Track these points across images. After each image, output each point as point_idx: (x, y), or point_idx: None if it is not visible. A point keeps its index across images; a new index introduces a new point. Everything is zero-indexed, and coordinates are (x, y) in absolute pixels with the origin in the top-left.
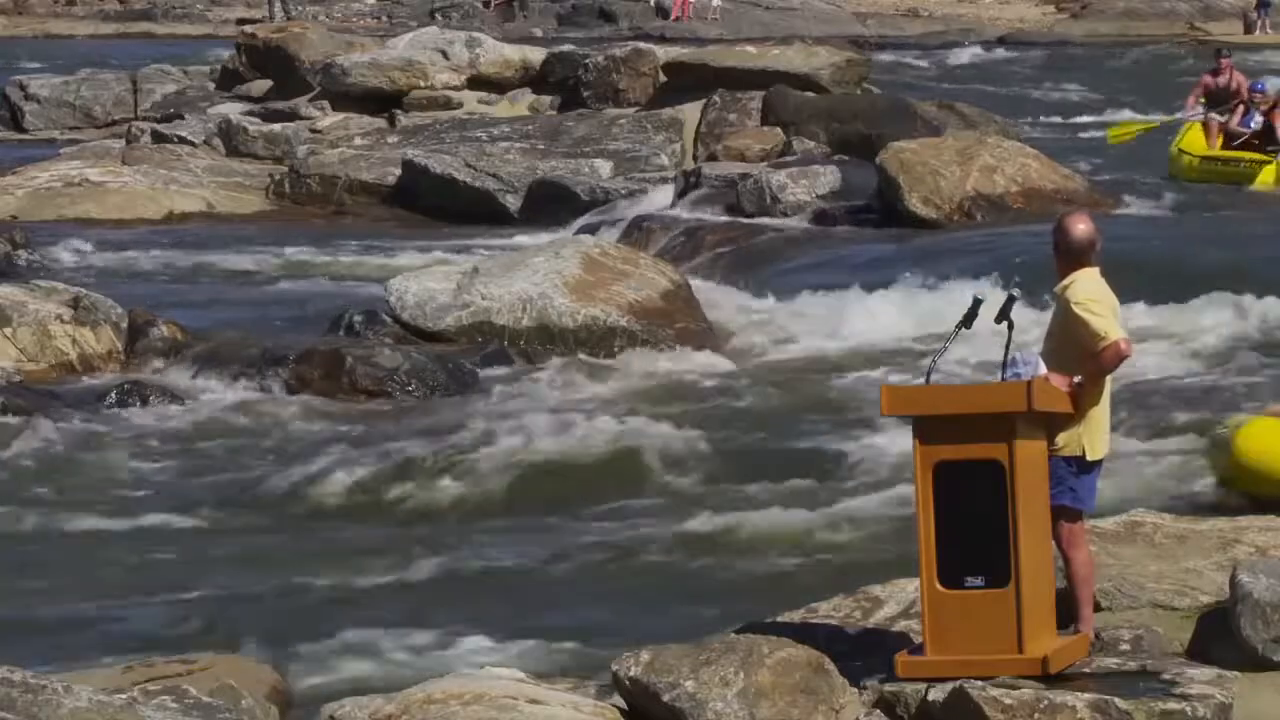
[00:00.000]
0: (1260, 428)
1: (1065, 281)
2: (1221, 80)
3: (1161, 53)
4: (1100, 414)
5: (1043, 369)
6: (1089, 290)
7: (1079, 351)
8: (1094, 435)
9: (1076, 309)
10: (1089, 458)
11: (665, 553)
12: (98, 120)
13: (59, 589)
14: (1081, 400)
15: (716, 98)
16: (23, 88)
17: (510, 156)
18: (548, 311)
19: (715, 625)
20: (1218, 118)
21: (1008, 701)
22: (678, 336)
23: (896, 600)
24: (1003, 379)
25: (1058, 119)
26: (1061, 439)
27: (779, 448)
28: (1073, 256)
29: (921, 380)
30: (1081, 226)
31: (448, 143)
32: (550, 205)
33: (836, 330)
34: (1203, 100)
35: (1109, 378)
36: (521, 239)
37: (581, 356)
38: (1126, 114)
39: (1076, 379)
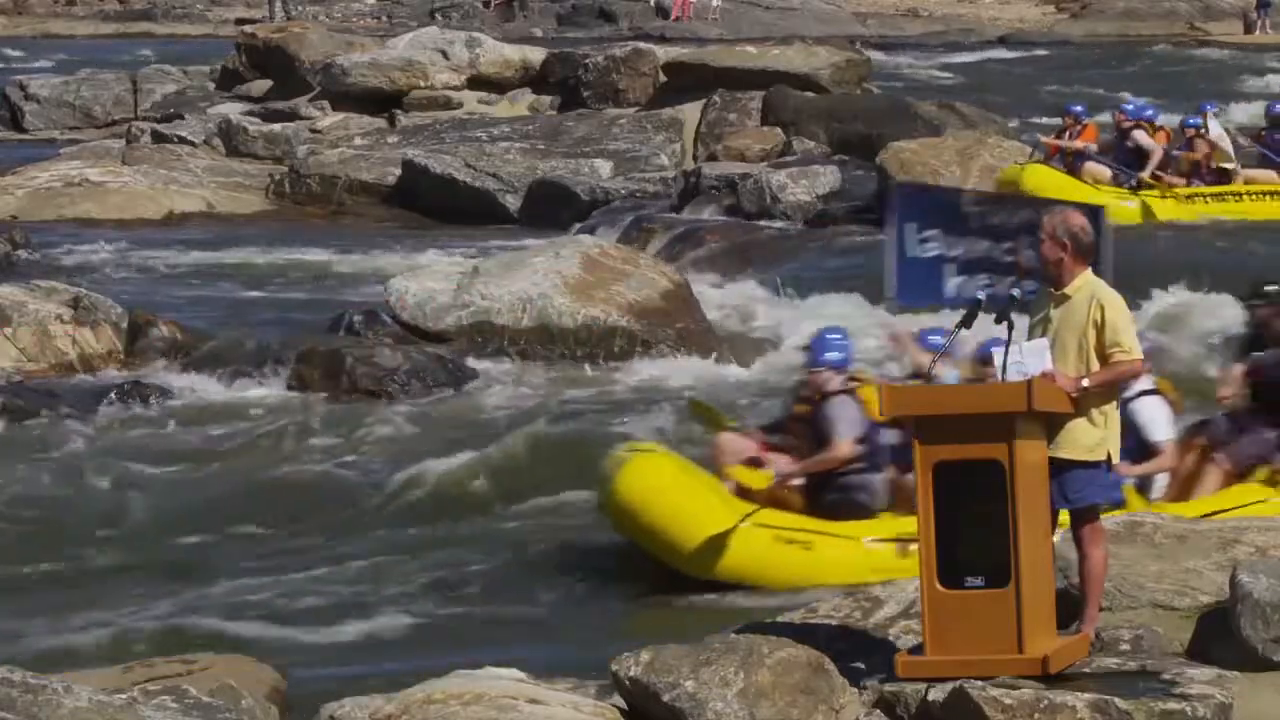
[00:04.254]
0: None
1: (1079, 282)
2: None
3: (1162, 53)
4: (1117, 415)
5: (1048, 361)
6: (1118, 299)
7: (1091, 354)
8: (1116, 437)
9: (1113, 315)
10: (1114, 459)
11: None
12: (98, 120)
13: (59, 589)
14: (1099, 403)
15: (716, 98)
16: (23, 88)
17: (510, 156)
18: (548, 311)
19: (715, 625)
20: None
21: (1008, 701)
22: (677, 337)
23: (896, 600)
24: (1002, 379)
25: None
26: (1092, 442)
27: None
28: (1083, 253)
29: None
30: (1086, 223)
31: (448, 143)
32: (550, 205)
33: None
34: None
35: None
36: (521, 239)
37: (581, 356)
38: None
39: (1084, 381)
